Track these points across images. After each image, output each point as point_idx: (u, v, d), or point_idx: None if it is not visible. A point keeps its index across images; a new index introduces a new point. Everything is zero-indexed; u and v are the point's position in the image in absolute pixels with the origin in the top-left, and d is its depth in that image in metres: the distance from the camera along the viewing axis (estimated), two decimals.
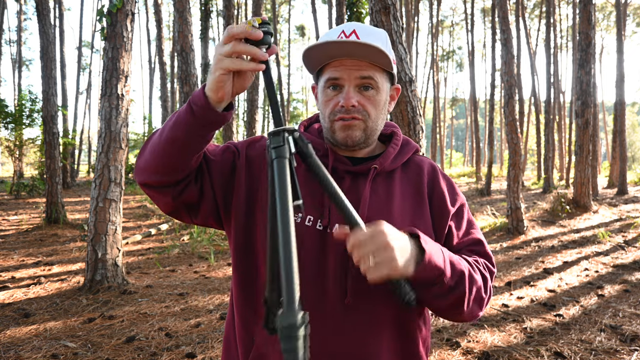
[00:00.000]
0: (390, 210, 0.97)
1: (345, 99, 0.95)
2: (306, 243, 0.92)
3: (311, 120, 1.15)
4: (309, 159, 0.81)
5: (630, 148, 49.02)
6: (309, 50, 0.95)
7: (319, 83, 1.02)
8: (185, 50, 8.74)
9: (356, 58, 0.95)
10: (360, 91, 0.97)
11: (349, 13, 8.78)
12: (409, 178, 1.04)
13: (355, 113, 0.96)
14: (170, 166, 0.90)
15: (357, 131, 0.97)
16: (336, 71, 0.96)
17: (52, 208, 8.41)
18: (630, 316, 3.96)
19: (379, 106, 0.99)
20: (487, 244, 1.01)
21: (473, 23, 23.70)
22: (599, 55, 34.62)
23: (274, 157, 0.75)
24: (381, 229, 0.77)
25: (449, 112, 46.16)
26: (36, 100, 12.49)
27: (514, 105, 8.53)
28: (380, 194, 0.99)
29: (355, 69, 0.95)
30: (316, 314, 0.89)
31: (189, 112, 0.85)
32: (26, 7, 30.07)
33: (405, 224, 0.94)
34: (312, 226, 0.95)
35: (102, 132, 4.66)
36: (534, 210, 10.08)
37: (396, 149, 1.05)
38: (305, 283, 0.89)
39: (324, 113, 1.00)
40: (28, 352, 3.09)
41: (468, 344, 3.33)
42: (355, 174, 1.00)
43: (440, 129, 32.05)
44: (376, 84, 0.97)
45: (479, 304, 0.93)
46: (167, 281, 5.05)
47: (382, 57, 0.94)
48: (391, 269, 0.76)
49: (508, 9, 9.14)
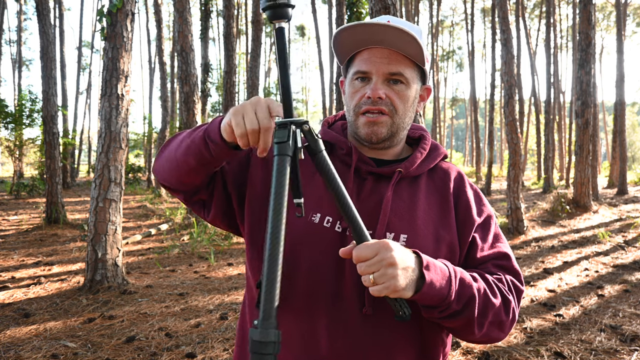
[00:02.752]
0: (413, 217, 0.91)
1: (372, 89, 0.90)
2: (323, 245, 0.88)
3: (336, 117, 1.10)
4: (317, 155, 0.77)
5: (630, 148, 49.02)
6: (340, 33, 0.90)
7: (347, 75, 0.98)
8: (185, 50, 8.74)
9: (386, 46, 0.90)
10: (389, 84, 0.92)
11: (349, 13, 8.77)
12: (436, 185, 0.98)
13: (383, 106, 0.91)
14: (182, 182, 0.93)
15: (383, 127, 0.92)
16: (365, 64, 0.92)
17: (52, 208, 8.41)
18: (630, 316, 3.95)
19: (407, 102, 0.94)
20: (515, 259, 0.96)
21: (473, 23, 23.70)
22: (599, 55, 34.61)
23: (275, 154, 0.73)
24: (387, 244, 0.74)
25: (449, 112, 46.16)
26: (36, 100, 12.50)
27: (514, 105, 8.53)
28: (404, 199, 0.93)
29: (385, 63, 0.90)
30: (331, 322, 0.85)
31: (204, 145, 0.85)
32: (26, 7, 30.07)
33: (430, 232, 0.90)
34: (330, 227, 0.90)
35: (102, 132, 4.66)
36: (534, 210, 10.08)
37: (423, 154, 0.99)
38: (320, 287, 0.87)
39: (350, 106, 0.96)
40: (28, 352, 3.08)
41: (468, 344, 3.33)
42: (378, 176, 0.94)
43: (440, 129, 32.05)
44: (406, 80, 0.92)
45: (498, 326, 0.87)
46: (167, 281, 5.05)
47: (415, 48, 0.89)
48: (390, 289, 0.73)
49: (508, 9, 9.14)
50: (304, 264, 0.88)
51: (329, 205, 0.91)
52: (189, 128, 5.90)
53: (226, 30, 11.88)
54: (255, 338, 0.59)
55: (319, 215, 0.91)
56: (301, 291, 0.87)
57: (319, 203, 0.91)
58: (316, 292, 0.87)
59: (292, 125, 0.74)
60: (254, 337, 0.60)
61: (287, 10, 0.73)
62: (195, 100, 8.80)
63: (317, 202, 0.91)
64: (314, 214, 0.91)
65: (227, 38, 11.86)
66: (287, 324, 0.86)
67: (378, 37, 0.89)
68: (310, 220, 0.90)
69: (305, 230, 0.89)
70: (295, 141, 0.74)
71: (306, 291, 0.87)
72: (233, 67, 11.96)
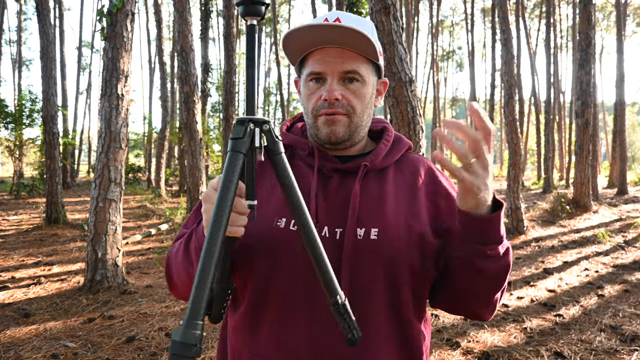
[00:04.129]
0: (383, 210, 0.90)
1: (327, 91, 0.88)
2: (293, 247, 0.87)
3: (294, 119, 1.09)
4: (276, 157, 0.74)
5: (630, 148, 49.03)
6: (289, 35, 0.88)
7: (302, 76, 0.95)
8: (185, 50, 8.74)
9: (339, 45, 0.89)
10: (344, 84, 0.90)
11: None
12: (404, 176, 0.97)
13: (339, 107, 0.89)
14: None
15: (341, 127, 0.91)
16: (318, 64, 0.90)
17: (52, 208, 8.41)
18: (630, 316, 3.96)
19: (364, 100, 0.92)
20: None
21: (473, 23, 23.72)
22: (599, 55, 34.62)
23: (228, 150, 0.70)
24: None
25: (449, 112, 46.16)
26: (36, 100, 12.50)
27: (514, 105, 8.53)
28: (372, 192, 0.92)
29: (339, 62, 0.89)
30: (309, 318, 0.86)
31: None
32: (26, 7, 30.09)
33: (400, 223, 0.89)
34: (297, 230, 0.89)
35: (102, 132, 4.66)
36: (534, 210, 10.08)
37: (388, 146, 0.98)
38: (296, 286, 0.87)
39: (307, 108, 0.94)
40: (28, 352, 3.09)
41: (468, 344, 3.33)
42: (344, 172, 0.93)
43: (441, 129, 32.01)
44: (361, 77, 0.91)
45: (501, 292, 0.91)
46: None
47: (367, 45, 0.88)
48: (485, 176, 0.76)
49: (508, 9, 9.14)
50: (279, 271, 0.88)
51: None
52: (189, 128, 5.91)
53: (226, 30, 11.88)
54: (176, 338, 0.56)
55: (284, 219, 0.90)
56: (277, 297, 0.88)
57: (282, 208, 0.91)
58: (293, 291, 0.87)
59: (251, 123, 0.72)
60: (175, 337, 0.56)
61: (260, 8, 0.72)
62: (195, 100, 8.80)
63: (282, 208, 0.91)
64: (279, 219, 0.90)
65: (227, 38, 11.86)
66: (268, 322, 0.88)
67: (330, 37, 0.87)
68: (276, 225, 0.90)
69: (272, 235, 0.89)
70: (252, 140, 0.72)
71: (282, 296, 0.88)
72: (233, 67, 11.96)
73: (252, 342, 0.89)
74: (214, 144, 19.24)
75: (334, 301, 0.74)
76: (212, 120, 25.49)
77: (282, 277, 0.87)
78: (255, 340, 0.89)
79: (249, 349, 0.90)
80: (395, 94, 3.39)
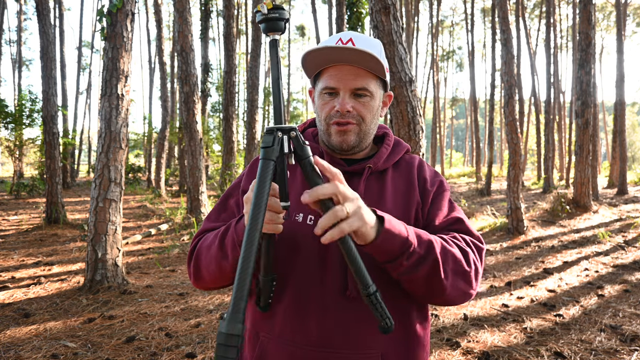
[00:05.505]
0: (383, 206, 1.01)
1: (341, 104, 1.01)
2: (308, 240, 0.97)
3: (305, 125, 1.20)
4: (303, 161, 0.82)
5: (630, 148, 49.02)
6: (307, 54, 1.00)
7: (317, 88, 1.08)
8: (185, 50, 8.74)
9: (352, 64, 1.00)
10: (355, 98, 1.03)
11: (349, 13, 8.77)
12: (401, 175, 1.10)
13: (350, 118, 1.02)
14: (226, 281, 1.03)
15: (352, 135, 1.03)
16: (332, 80, 1.02)
17: (52, 208, 8.41)
18: (630, 316, 3.95)
19: (372, 111, 1.05)
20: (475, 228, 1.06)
21: (473, 23, 23.70)
22: (599, 55, 34.61)
23: (260, 157, 0.77)
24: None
25: (449, 112, 46.15)
26: (36, 100, 12.50)
27: (514, 105, 8.53)
28: (374, 191, 1.04)
29: (351, 79, 1.01)
30: (320, 307, 0.95)
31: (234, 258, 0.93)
32: (26, 7, 30.06)
33: (398, 217, 0.97)
34: (313, 225, 0.99)
35: (102, 132, 4.66)
36: (534, 210, 10.08)
37: (388, 149, 1.11)
38: (308, 278, 0.97)
39: (321, 116, 1.06)
40: (28, 352, 3.08)
41: (468, 344, 3.33)
42: (350, 174, 1.05)
43: (440, 129, 32.04)
44: (370, 92, 1.03)
45: (463, 277, 0.93)
46: (167, 281, 5.05)
47: (376, 64, 1.00)
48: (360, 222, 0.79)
49: (508, 9, 9.14)
50: (295, 260, 0.98)
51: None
52: (189, 128, 5.93)
53: (226, 30, 11.87)
54: (222, 330, 0.63)
55: (301, 215, 1.01)
56: (293, 284, 0.98)
57: (300, 204, 0.98)
58: (305, 282, 0.97)
59: (279, 132, 0.79)
60: (221, 329, 0.63)
61: (281, 24, 0.80)
62: (195, 100, 8.80)
63: (299, 203, 0.98)
64: (297, 214, 1.01)
65: (227, 38, 11.85)
66: (283, 307, 0.97)
67: (343, 57, 0.99)
68: (294, 220, 1.00)
69: (290, 229, 0.98)
70: (282, 147, 0.79)
71: (297, 283, 0.97)
72: (233, 67, 11.95)
73: (268, 324, 0.99)
74: (214, 144, 19.25)
75: (367, 292, 0.82)
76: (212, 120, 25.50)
77: (298, 267, 0.98)
78: (271, 323, 0.98)
79: (265, 330, 0.99)
80: (395, 94, 3.39)
